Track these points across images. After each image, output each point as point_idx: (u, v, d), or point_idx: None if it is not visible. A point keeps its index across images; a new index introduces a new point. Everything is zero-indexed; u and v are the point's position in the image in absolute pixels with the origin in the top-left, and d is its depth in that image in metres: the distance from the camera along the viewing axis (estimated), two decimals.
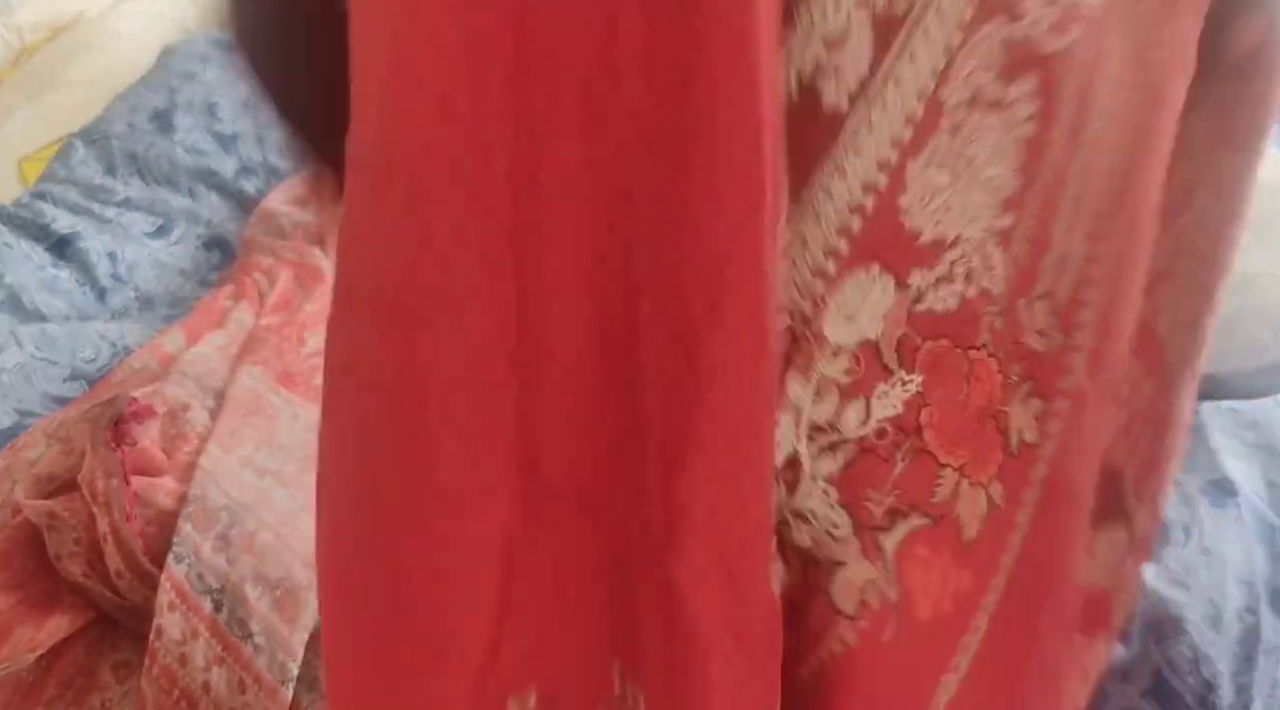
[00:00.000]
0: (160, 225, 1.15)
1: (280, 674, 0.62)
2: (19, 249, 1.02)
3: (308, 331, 0.95)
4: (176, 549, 0.66)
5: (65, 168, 1.15)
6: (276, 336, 0.92)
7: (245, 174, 1.22)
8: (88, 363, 0.90)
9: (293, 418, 0.81)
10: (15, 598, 0.66)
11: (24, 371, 0.85)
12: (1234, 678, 0.76)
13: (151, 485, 0.69)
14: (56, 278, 1.03)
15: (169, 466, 0.73)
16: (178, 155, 1.18)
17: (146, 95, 1.22)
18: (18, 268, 1.01)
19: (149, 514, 0.68)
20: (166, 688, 0.62)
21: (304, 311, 0.97)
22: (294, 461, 0.76)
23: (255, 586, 0.65)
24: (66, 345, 0.90)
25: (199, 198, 1.19)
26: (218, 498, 0.69)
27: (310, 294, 1.02)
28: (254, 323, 0.96)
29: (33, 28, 1.41)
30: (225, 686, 0.62)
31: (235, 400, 0.80)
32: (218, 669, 0.63)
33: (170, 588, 0.64)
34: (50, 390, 0.85)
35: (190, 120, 1.21)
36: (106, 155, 1.17)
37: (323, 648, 0.28)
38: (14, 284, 0.99)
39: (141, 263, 1.11)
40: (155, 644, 0.63)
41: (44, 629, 0.65)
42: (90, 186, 1.14)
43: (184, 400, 0.78)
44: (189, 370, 0.83)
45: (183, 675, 0.63)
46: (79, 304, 1.03)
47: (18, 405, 0.82)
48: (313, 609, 0.65)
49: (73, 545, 0.67)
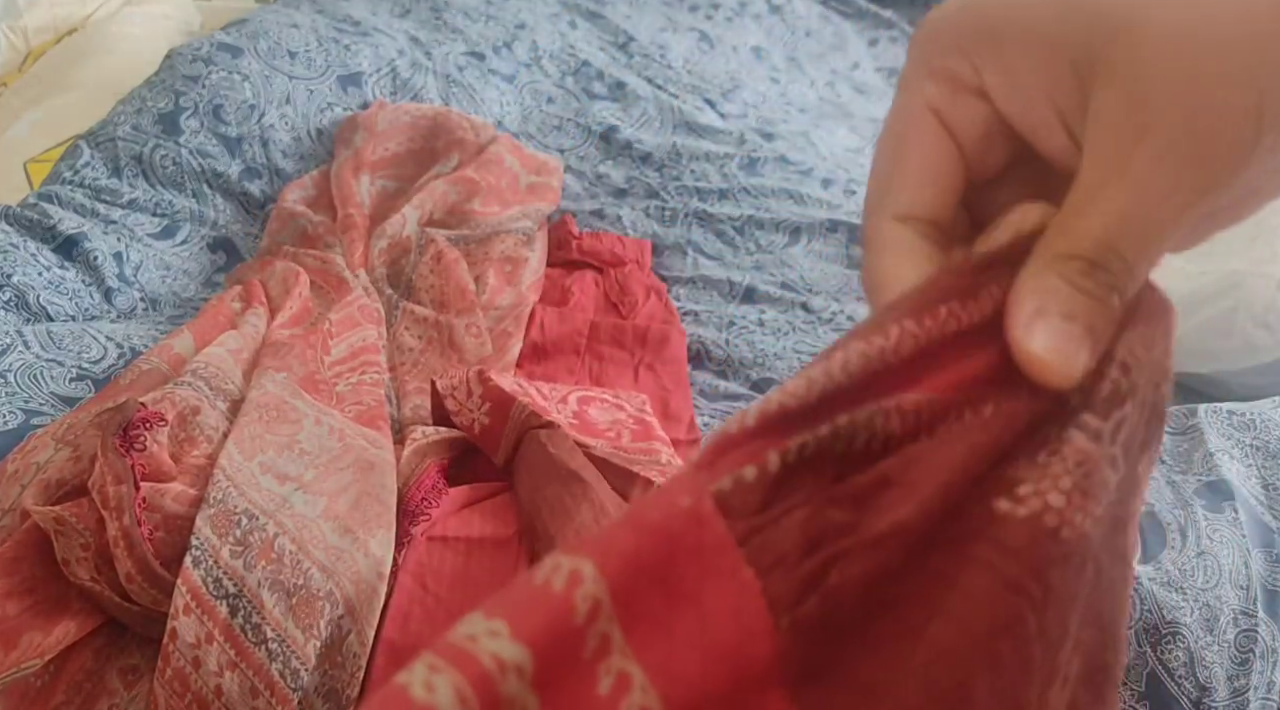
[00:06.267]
0: (166, 226, 1.16)
1: (293, 681, 0.62)
2: (25, 249, 1.03)
3: (331, 340, 0.95)
4: (194, 552, 0.65)
5: (71, 169, 1.15)
6: (301, 344, 0.91)
7: (250, 176, 1.23)
8: (94, 363, 0.90)
9: (315, 423, 0.80)
10: (24, 603, 0.66)
11: (30, 372, 0.86)
12: (1229, 681, 0.76)
13: (158, 490, 0.69)
14: (63, 278, 1.03)
15: (177, 472, 0.73)
16: (183, 157, 1.19)
17: (152, 98, 1.22)
18: (24, 268, 1.01)
19: (155, 519, 0.67)
20: (179, 691, 0.62)
21: (327, 320, 0.96)
22: (315, 467, 0.75)
23: (272, 592, 0.64)
24: (73, 346, 0.91)
25: (204, 199, 1.20)
26: (238, 502, 0.69)
27: (331, 303, 1.02)
28: (267, 327, 0.96)
29: (39, 31, 1.41)
30: (237, 691, 0.61)
31: (256, 404, 0.80)
32: (230, 674, 0.62)
33: (186, 591, 0.64)
34: (57, 390, 0.85)
35: (195, 123, 1.22)
36: (112, 157, 1.17)
37: None
38: (20, 284, 0.99)
39: (147, 264, 1.11)
40: (169, 647, 0.62)
41: (52, 634, 0.65)
42: (96, 188, 1.15)
43: (193, 403, 0.77)
44: (200, 372, 0.82)
45: (195, 679, 0.62)
46: (85, 304, 1.04)
47: (25, 405, 0.82)
48: (328, 617, 0.65)
49: (80, 550, 0.67)
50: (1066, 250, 0.24)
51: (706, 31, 1.75)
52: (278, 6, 1.49)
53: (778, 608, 0.21)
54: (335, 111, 1.32)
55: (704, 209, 1.30)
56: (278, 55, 1.31)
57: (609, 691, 0.20)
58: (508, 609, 0.19)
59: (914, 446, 0.23)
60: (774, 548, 0.22)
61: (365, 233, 1.13)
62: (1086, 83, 0.24)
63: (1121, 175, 0.23)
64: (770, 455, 0.22)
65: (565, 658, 0.19)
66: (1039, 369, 0.23)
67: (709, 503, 0.22)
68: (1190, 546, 0.83)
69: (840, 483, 0.23)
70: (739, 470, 0.22)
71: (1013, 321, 0.24)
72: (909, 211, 0.28)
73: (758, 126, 1.52)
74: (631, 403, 0.91)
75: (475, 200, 1.19)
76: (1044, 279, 0.24)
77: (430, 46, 1.48)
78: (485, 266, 1.11)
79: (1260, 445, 0.96)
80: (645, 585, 0.21)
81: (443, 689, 0.18)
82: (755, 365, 1.08)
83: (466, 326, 1.01)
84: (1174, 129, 0.23)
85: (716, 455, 0.23)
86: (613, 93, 1.53)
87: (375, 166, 1.23)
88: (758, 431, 0.23)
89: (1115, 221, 0.23)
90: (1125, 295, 0.24)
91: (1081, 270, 0.23)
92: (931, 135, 0.28)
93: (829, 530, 0.23)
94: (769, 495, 0.22)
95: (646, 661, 0.20)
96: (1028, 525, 0.23)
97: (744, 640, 0.21)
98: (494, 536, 0.75)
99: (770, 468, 0.22)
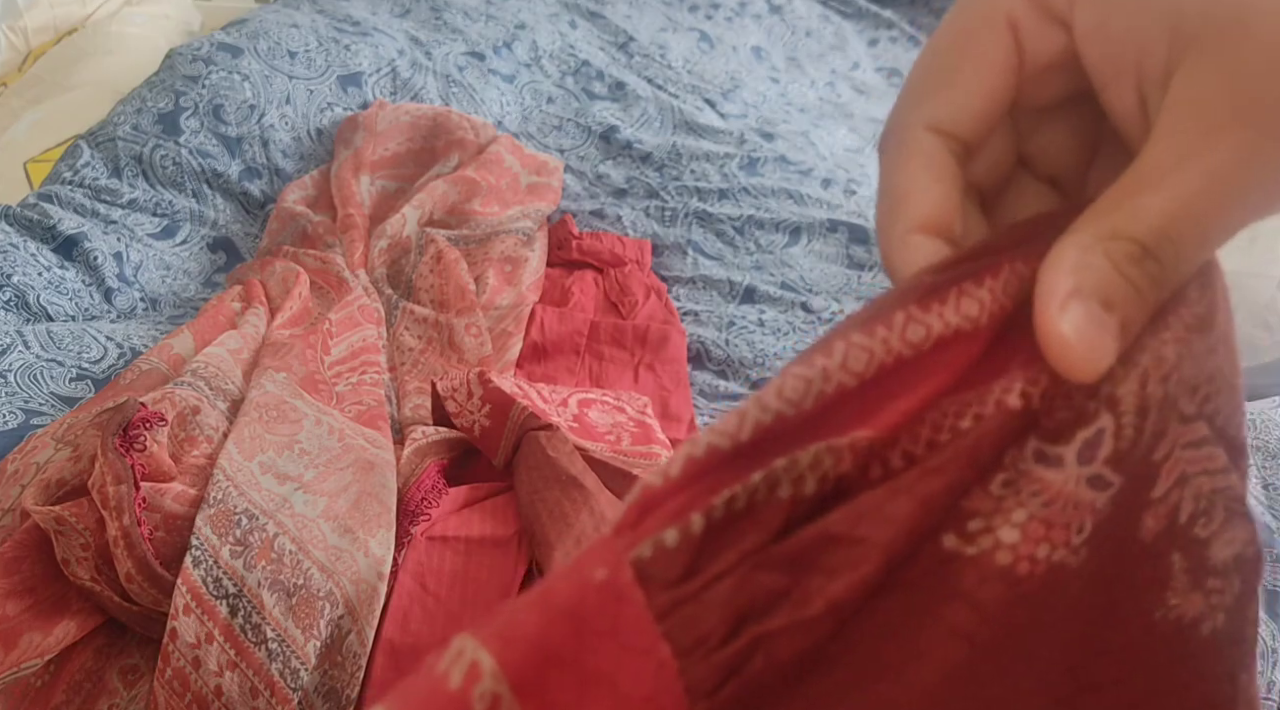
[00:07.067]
0: (166, 226, 1.16)
1: (293, 681, 0.62)
2: (25, 249, 1.03)
3: (331, 340, 0.94)
4: (194, 552, 0.65)
5: (71, 169, 1.15)
6: (301, 343, 0.91)
7: (250, 176, 1.23)
8: (94, 363, 0.90)
9: (315, 423, 0.80)
10: (24, 603, 0.65)
11: (30, 372, 0.86)
12: None
13: (158, 490, 0.69)
14: (63, 278, 1.03)
15: (177, 472, 0.73)
16: (183, 157, 1.19)
17: (152, 98, 1.22)
18: (24, 268, 1.01)
19: (155, 519, 0.67)
20: (179, 690, 0.62)
21: (327, 320, 0.96)
22: (315, 467, 0.75)
23: (272, 592, 0.64)
24: (73, 346, 0.91)
25: (204, 199, 1.20)
26: (238, 502, 0.69)
27: (331, 303, 1.02)
28: (267, 328, 0.96)
29: (39, 31, 1.41)
30: (237, 691, 0.61)
31: (256, 404, 0.80)
32: (230, 674, 0.62)
33: (186, 591, 0.64)
34: (57, 390, 0.85)
35: (195, 123, 1.22)
36: (112, 157, 1.18)
37: None
38: (20, 284, 0.99)
39: (147, 264, 1.11)
40: (169, 646, 0.62)
41: (52, 634, 0.65)
42: (96, 188, 1.15)
43: (193, 403, 0.77)
44: (200, 372, 0.82)
45: (195, 679, 0.62)
46: (85, 304, 1.04)
47: (25, 405, 0.82)
48: (328, 617, 0.65)
49: (80, 550, 0.67)
50: (1121, 229, 0.22)
51: (706, 31, 1.75)
52: (278, 6, 1.49)
53: (695, 693, 0.20)
54: (335, 111, 1.32)
55: (704, 209, 1.30)
56: (278, 55, 1.31)
57: None
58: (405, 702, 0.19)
59: (868, 495, 0.21)
60: (695, 626, 0.20)
61: (365, 233, 1.13)
62: (1180, 53, 0.22)
63: (1201, 160, 0.21)
64: (694, 517, 0.20)
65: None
66: (1065, 354, 0.21)
67: (627, 572, 0.20)
68: None
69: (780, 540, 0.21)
70: (659, 533, 0.20)
71: (1045, 295, 0.22)
72: (948, 124, 0.26)
73: (758, 126, 1.52)
74: (633, 404, 0.91)
75: (475, 200, 1.19)
76: (1089, 256, 0.22)
77: (430, 46, 1.48)
78: (485, 266, 1.11)
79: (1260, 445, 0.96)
80: (554, 672, 0.19)
81: None
82: (755, 365, 1.08)
83: (466, 326, 1.01)
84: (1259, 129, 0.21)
85: (640, 514, 0.21)
86: (613, 93, 1.53)
87: (375, 166, 1.23)
88: (684, 482, 0.21)
89: (1182, 208, 0.21)
90: (1167, 292, 0.23)
91: (1131, 255, 0.22)
92: (1000, 46, 0.25)
93: (758, 603, 0.20)
94: (693, 561, 0.20)
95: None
96: (976, 565, 0.21)
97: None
98: (494, 536, 0.75)
99: (694, 530, 0.20)
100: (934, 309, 0.22)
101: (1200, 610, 0.24)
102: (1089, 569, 0.22)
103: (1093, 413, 0.22)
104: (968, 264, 0.23)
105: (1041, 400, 0.22)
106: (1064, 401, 0.22)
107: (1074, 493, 0.22)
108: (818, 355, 0.22)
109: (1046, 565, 0.21)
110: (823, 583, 0.21)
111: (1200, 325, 0.23)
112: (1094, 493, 0.22)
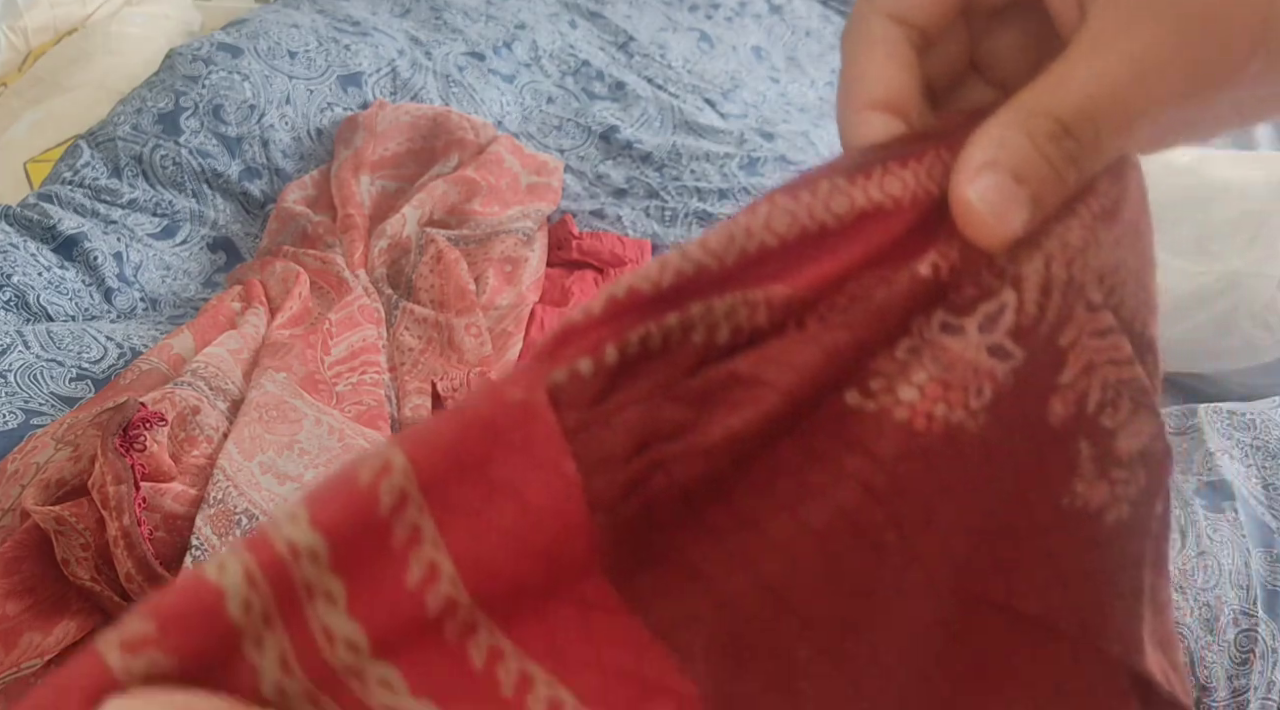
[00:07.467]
0: (166, 226, 1.16)
1: None
2: (25, 249, 1.03)
3: (331, 340, 0.94)
4: (194, 552, 0.65)
5: (71, 169, 1.15)
6: (301, 343, 0.91)
7: (250, 176, 1.23)
8: (94, 363, 0.90)
9: (315, 423, 0.80)
10: (24, 603, 0.66)
11: (30, 372, 0.86)
12: (1229, 681, 0.76)
13: (158, 490, 0.69)
14: (63, 278, 1.03)
15: (177, 472, 0.73)
16: (183, 157, 1.19)
17: (152, 98, 1.22)
18: (24, 268, 1.01)
19: (155, 519, 0.68)
20: None
21: (327, 320, 0.96)
22: (315, 467, 0.75)
23: None
24: (73, 346, 0.91)
25: (204, 199, 1.20)
26: (238, 502, 0.68)
27: (331, 303, 1.02)
28: (267, 328, 0.96)
29: (39, 31, 1.41)
30: None
31: (256, 404, 0.80)
32: None
33: None
34: (57, 390, 0.85)
35: (195, 123, 1.22)
36: (112, 157, 1.17)
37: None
38: (20, 284, 0.99)
39: (147, 264, 1.11)
40: None
41: (52, 634, 0.65)
42: (96, 188, 1.15)
43: (193, 403, 0.77)
44: (200, 372, 0.82)
45: None
46: (85, 304, 1.04)
47: (25, 405, 0.82)
48: None
49: (80, 550, 0.67)
50: (1043, 107, 0.23)
51: (706, 31, 1.75)
52: (278, 6, 1.49)
53: (596, 506, 0.21)
54: (335, 111, 1.32)
55: (704, 209, 1.30)
56: (278, 55, 1.31)
57: (418, 581, 0.20)
58: (313, 498, 0.20)
59: (776, 342, 0.22)
60: (601, 445, 0.21)
61: (365, 233, 1.13)
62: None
63: (1120, 44, 0.23)
64: (609, 348, 0.21)
65: (368, 546, 0.20)
66: (970, 220, 0.23)
67: (543, 395, 0.21)
68: (1190, 546, 0.83)
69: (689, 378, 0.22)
70: (575, 362, 0.21)
71: (960, 165, 0.23)
72: (906, 13, 0.27)
73: (758, 126, 1.52)
74: None
75: (475, 200, 1.19)
76: (1008, 131, 0.23)
77: (430, 46, 1.48)
78: (485, 266, 1.11)
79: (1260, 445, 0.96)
80: (464, 478, 0.20)
81: (232, 569, 0.19)
82: None
83: (466, 326, 1.01)
84: (1180, 21, 0.22)
85: (559, 345, 0.22)
86: (613, 93, 1.53)
87: (375, 166, 1.23)
88: (604, 319, 0.22)
89: (1103, 90, 0.23)
90: (1084, 173, 0.24)
91: (1051, 133, 0.23)
92: None
93: (663, 429, 0.22)
94: (604, 389, 0.21)
95: (457, 553, 0.20)
96: (875, 419, 0.22)
97: (563, 534, 0.21)
98: None
99: (608, 360, 0.21)
100: (859, 182, 0.23)
101: (1105, 499, 0.25)
102: (991, 438, 0.23)
103: (996, 289, 0.23)
104: (897, 147, 0.24)
105: (950, 275, 0.23)
106: (971, 279, 0.23)
107: (974, 359, 0.23)
108: (744, 214, 0.23)
109: (944, 424, 0.22)
110: (724, 416, 0.22)
111: (1106, 215, 0.24)
112: (994, 360, 0.23)
